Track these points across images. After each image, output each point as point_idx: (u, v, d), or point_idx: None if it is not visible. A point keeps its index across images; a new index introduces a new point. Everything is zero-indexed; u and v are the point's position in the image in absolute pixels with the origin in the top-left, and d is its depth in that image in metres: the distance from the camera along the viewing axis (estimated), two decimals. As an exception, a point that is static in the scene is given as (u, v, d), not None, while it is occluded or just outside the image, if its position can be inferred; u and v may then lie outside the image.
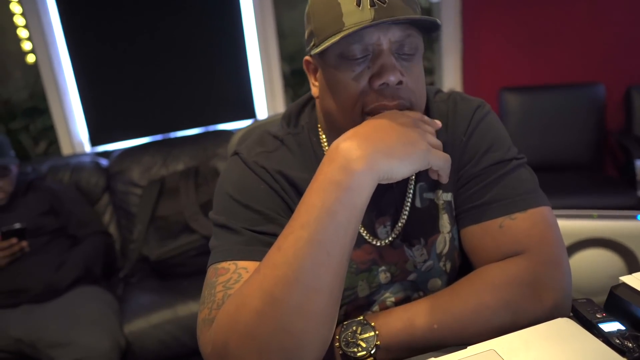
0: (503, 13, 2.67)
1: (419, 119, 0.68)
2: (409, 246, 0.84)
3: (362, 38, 0.66)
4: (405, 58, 0.69)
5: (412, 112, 0.67)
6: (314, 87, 0.79)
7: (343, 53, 0.68)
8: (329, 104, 0.74)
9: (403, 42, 0.68)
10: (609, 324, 0.69)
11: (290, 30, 2.72)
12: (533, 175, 0.80)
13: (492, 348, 0.64)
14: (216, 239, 0.73)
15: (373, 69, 0.68)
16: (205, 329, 0.63)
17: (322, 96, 0.76)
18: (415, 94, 0.71)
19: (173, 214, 1.84)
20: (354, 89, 0.69)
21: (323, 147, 0.82)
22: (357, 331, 0.73)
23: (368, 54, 0.68)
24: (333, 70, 0.70)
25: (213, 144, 2.20)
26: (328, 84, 0.72)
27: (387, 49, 0.67)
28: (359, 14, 0.65)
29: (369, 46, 0.67)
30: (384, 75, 0.66)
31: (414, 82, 0.70)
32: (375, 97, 0.68)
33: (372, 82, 0.68)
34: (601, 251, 2.02)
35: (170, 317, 1.63)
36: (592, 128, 2.66)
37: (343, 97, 0.70)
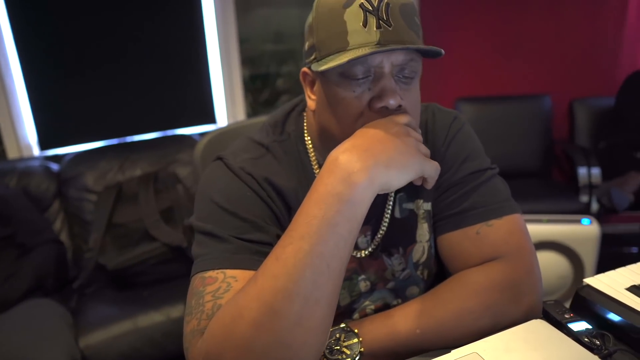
0: (459, 27, 2.78)
1: (408, 123, 0.69)
2: (388, 255, 0.85)
3: (365, 60, 0.66)
4: (405, 81, 0.70)
5: (400, 117, 0.68)
6: (310, 100, 0.78)
7: (345, 72, 0.68)
8: (327, 119, 0.74)
9: (404, 66, 0.69)
10: (577, 323, 0.73)
11: (250, 35, 2.71)
12: (505, 185, 0.84)
13: (474, 351, 0.66)
14: (201, 247, 0.71)
15: (374, 90, 0.68)
16: (194, 340, 0.62)
17: (320, 110, 0.76)
18: (412, 116, 0.72)
19: (132, 221, 1.78)
20: (354, 108, 0.69)
21: (310, 155, 0.82)
22: (340, 338, 0.73)
23: (369, 75, 0.68)
24: (334, 87, 0.70)
25: (173, 149, 2.14)
26: (328, 100, 0.72)
27: (389, 72, 0.68)
28: (364, 34, 0.65)
29: (372, 68, 0.67)
30: (384, 98, 0.67)
31: (412, 105, 0.71)
32: (374, 118, 0.69)
33: (373, 104, 0.68)
34: (550, 253, 2.13)
35: (130, 328, 1.57)
36: (540, 137, 2.80)
37: (343, 115, 0.70)
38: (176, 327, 1.62)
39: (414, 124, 0.71)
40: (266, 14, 2.76)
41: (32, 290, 1.64)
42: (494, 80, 2.89)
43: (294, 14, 2.83)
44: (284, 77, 2.95)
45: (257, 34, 2.76)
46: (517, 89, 2.89)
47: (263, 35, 2.78)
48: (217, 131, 1.23)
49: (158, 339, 1.59)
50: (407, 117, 0.69)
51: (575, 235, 2.10)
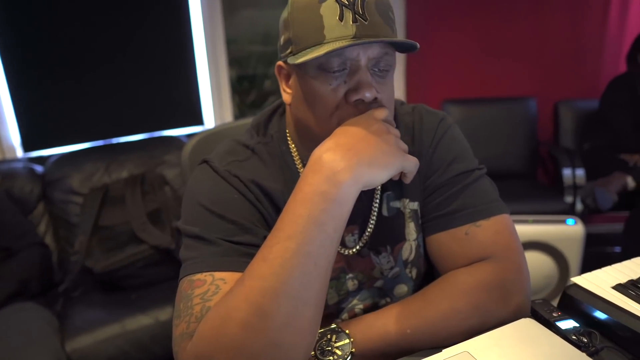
0: (446, 30, 2.80)
1: (385, 118, 0.69)
2: (376, 254, 0.86)
3: (342, 53, 0.67)
4: (380, 75, 0.71)
5: (379, 112, 0.69)
6: (286, 93, 0.78)
7: (321, 65, 0.68)
8: (303, 113, 0.74)
9: (380, 60, 0.69)
10: (564, 321, 0.74)
11: (237, 36, 2.70)
12: (493, 185, 0.85)
13: (465, 350, 0.67)
14: (189, 250, 0.71)
15: (350, 83, 0.69)
16: (184, 344, 0.61)
17: (296, 104, 0.76)
18: (387, 108, 0.73)
19: (119, 224, 1.76)
20: (330, 101, 0.70)
21: (293, 155, 0.82)
22: (331, 339, 0.73)
23: (345, 69, 0.68)
24: (311, 80, 0.70)
25: (159, 150, 2.13)
26: (304, 93, 0.73)
27: (365, 66, 0.68)
28: (340, 28, 0.65)
29: (348, 61, 0.68)
30: (360, 91, 0.68)
31: (387, 98, 0.72)
32: (351, 111, 0.69)
33: (349, 97, 0.69)
34: (536, 254, 2.16)
35: (118, 332, 1.55)
36: (525, 139, 2.84)
37: (320, 107, 0.71)
38: (164, 330, 1.61)
39: (391, 119, 0.71)
40: (252, 15, 2.75)
41: (17, 294, 1.61)
42: (480, 82, 2.92)
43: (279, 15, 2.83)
44: (271, 79, 2.94)
45: (244, 35, 2.75)
46: (503, 91, 2.92)
47: (250, 36, 2.78)
48: (205, 132, 1.23)
49: (146, 342, 1.57)
50: (385, 112, 0.69)
51: (561, 236, 2.13)
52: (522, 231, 2.08)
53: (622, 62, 2.81)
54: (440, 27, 2.78)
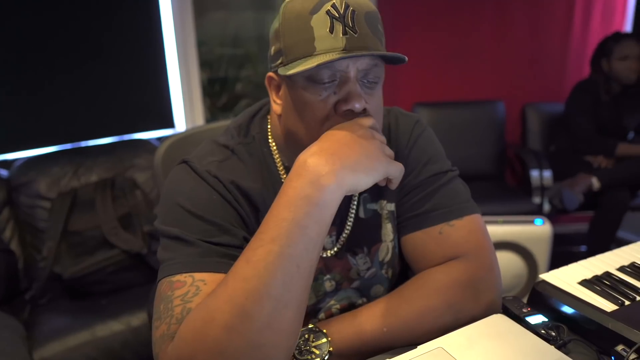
0: (416, 35, 2.84)
1: (372, 126, 0.70)
2: (353, 255, 0.87)
3: (332, 65, 0.68)
4: (369, 86, 0.72)
5: (365, 120, 0.70)
6: (276, 104, 0.78)
7: (312, 76, 0.69)
8: (293, 123, 0.75)
9: (369, 71, 0.70)
10: (534, 317, 0.76)
11: (207, 39, 2.68)
12: (466, 186, 0.88)
13: (440, 346, 0.68)
14: (168, 252, 0.70)
15: (339, 94, 0.70)
16: (164, 346, 0.61)
17: (286, 114, 0.76)
18: (376, 119, 0.74)
19: (89, 229, 1.72)
20: (320, 111, 0.70)
21: (275, 158, 0.82)
22: (309, 339, 0.74)
23: (335, 80, 0.69)
24: (301, 91, 0.71)
25: (130, 154, 2.09)
26: (294, 104, 0.73)
27: (354, 77, 0.69)
28: (331, 40, 0.66)
29: (338, 72, 0.69)
30: (350, 102, 0.69)
31: (375, 109, 0.73)
32: (340, 121, 0.70)
33: (338, 107, 0.70)
34: (506, 253, 2.21)
35: (88, 339, 1.51)
36: (494, 142, 2.90)
37: (310, 118, 0.71)
38: (136, 336, 1.58)
39: (378, 127, 0.72)
40: (222, 18, 2.74)
41: (-19, 303, 1.56)
42: (450, 86, 2.98)
43: (250, 17, 2.82)
44: (243, 82, 2.93)
45: (214, 37, 2.73)
46: (472, 94, 2.98)
47: (220, 39, 2.76)
48: (178, 135, 1.22)
49: (117, 349, 1.54)
50: (371, 120, 0.70)
51: (529, 235, 2.19)
52: (492, 231, 2.12)
53: (585, 67, 2.91)
54: (411, 32, 2.83)
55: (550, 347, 0.68)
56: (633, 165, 2.52)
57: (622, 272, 0.84)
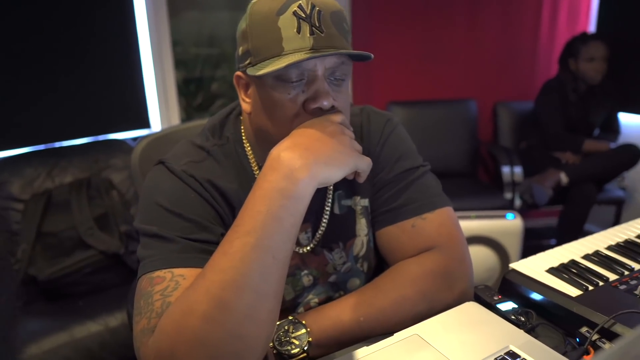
0: (389, 35, 2.88)
1: (341, 122, 0.72)
2: (329, 250, 0.89)
3: (300, 64, 0.69)
4: (336, 83, 0.74)
5: (335, 116, 0.72)
6: (245, 103, 0.80)
7: (280, 76, 0.70)
8: (263, 121, 0.76)
9: (336, 69, 0.72)
10: (504, 303, 0.80)
11: (182, 39, 2.67)
12: (437, 180, 0.91)
13: (415, 333, 0.71)
14: (147, 249, 0.71)
15: (308, 93, 0.72)
16: (145, 339, 0.61)
17: (256, 113, 0.78)
18: (344, 114, 0.76)
19: (64, 230, 1.69)
20: (289, 110, 0.72)
21: (249, 158, 0.84)
22: (289, 330, 0.76)
23: (303, 79, 0.71)
24: (270, 90, 0.72)
25: (105, 154, 2.06)
26: (263, 103, 0.74)
27: (322, 75, 0.71)
28: (298, 40, 0.68)
29: (305, 71, 0.70)
30: (318, 100, 0.71)
31: (343, 105, 0.75)
32: (309, 119, 0.72)
33: (307, 105, 0.72)
34: (479, 247, 2.27)
35: (66, 340, 1.49)
36: (466, 139, 2.97)
37: (279, 116, 0.73)
38: (114, 336, 1.57)
39: (347, 122, 0.74)
40: (197, 18, 2.73)
41: (-47, 307, 1.53)
42: (423, 85, 3.03)
43: (225, 17, 2.82)
44: (219, 81, 2.93)
45: (189, 37, 2.72)
46: (445, 93, 3.04)
47: (195, 39, 2.75)
48: (155, 135, 1.22)
49: (95, 350, 1.53)
50: (341, 116, 0.73)
51: (501, 229, 2.25)
52: (465, 226, 2.17)
53: (553, 66, 3.00)
54: (384, 32, 2.87)
55: (519, 331, 0.72)
56: (599, 160, 2.61)
57: (586, 260, 0.88)
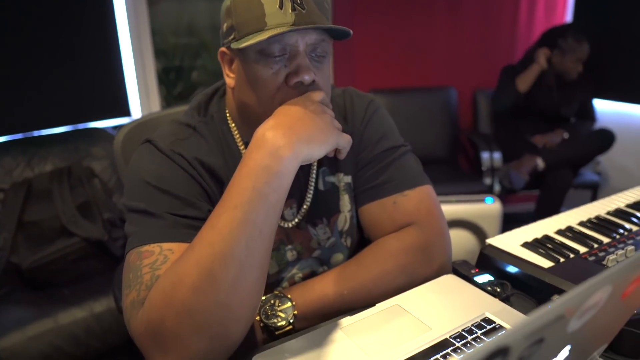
0: (371, 24, 2.91)
1: (322, 100, 0.74)
2: (313, 226, 0.91)
3: (282, 39, 0.71)
4: (317, 60, 0.76)
5: (316, 94, 0.74)
6: (229, 78, 0.82)
7: (263, 50, 0.72)
8: (246, 96, 0.78)
9: (317, 46, 0.74)
10: (481, 276, 0.84)
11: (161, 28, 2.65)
12: (417, 160, 0.94)
13: (396, 303, 0.74)
14: (135, 225, 0.72)
15: (290, 67, 0.73)
16: (135, 312, 0.63)
17: (239, 87, 0.79)
18: (325, 92, 0.78)
19: (46, 218, 1.68)
20: (272, 84, 0.74)
21: (234, 134, 0.85)
22: (275, 304, 0.78)
23: (285, 54, 0.73)
24: (253, 65, 0.74)
25: (85, 142, 2.05)
26: (247, 77, 0.76)
27: (303, 51, 0.73)
28: (281, 16, 0.69)
29: (287, 46, 0.72)
30: (300, 74, 0.73)
31: (323, 82, 0.77)
32: (291, 93, 0.74)
33: (289, 80, 0.74)
34: (459, 231, 2.32)
35: (51, 327, 1.49)
36: (446, 126, 3.01)
37: (262, 91, 0.75)
38: (100, 322, 1.57)
39: (327, 100, 0.77)
40: (175, 8, 2.71)
41: None
42: (404, 73, 3.06)
43: (204, 7, 2.81)
44: (199, 70, 2.92)
45: (168, 27, 2.71)
46: (425, 81, 3.08)
47: (173, 28, 2.74)
48: (135, 122, 1.22)
49: (81, 336, 1.53)
50: (321, 94, 0.75)
51: (481, 213, 2.30)
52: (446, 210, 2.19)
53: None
54: (366, 21, 2.89)
55: (495, 300, 0.75)
56: (575, 146, 2.68)
57: (559, 235, 0.92)
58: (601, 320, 0.43)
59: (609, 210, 1.02)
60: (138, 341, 0.63)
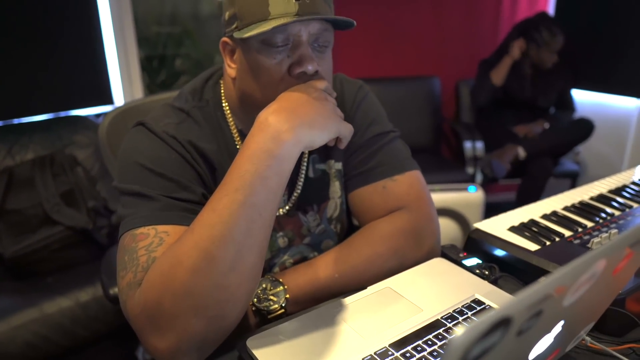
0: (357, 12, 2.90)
1: (325, 89, 0.74)
2: (304, 213, 0.92)
3: (285, 29, 0.71)
4: (319, 50, 0.76)
5: (319, 82, 0.74)
6: (230, 68, 0.81)
7: (266, 40, 0.72)
8: (249, 86, 0.77)
9: (319, 36, 0.74)
10: (469, 259, 0.86)
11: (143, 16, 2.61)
12: (406, 146, 0.95)
13: (388, 286, 0.76)
14: (128, 207, 0.72)
15: (293, 57, 0.73)
16: (131, 292, 0.63)
17: (242, 78, 0.79)
18: (327, 80, 0.78)
19: (29, 207, 1.65)
20: (275, 74, 0.74)
21: (228, 121, 0.85)
22: (267, 288, 0.79)
23: (288, 44, 0.73)
24: (256, 54, 0.73)
25: (68, 130, 2.01)
26: (250, 68, 0.76)
27: (306, 41, 0.73)
28: (284, 5, 0.69)
29: (291, 36, 0.72)
30: (303, 64, 0.73)
31: (326, 71, 0.78)
32: (294, 83, 0.74)
33: (292, 70, 0.73)
34: (442, 219, 2.35)
35: (36, 316, 1.47)
36: (430, 116, 3.04)
37: (265, 80, 0.75)
38: (86, 311, 1.56)
39: (330, 89, 0.77)
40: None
41: None
42: (388, 63, 3.07)
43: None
44: (183, 58, 2.88)
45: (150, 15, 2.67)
46: (408, 71, 3.09)
47: (156, 16, 2.70)
48: (121, 108, 1.21)
49: (67, 325, 1.51)
50: (324, 83, 0.75)
51: (463, 201, 2.33)
52: (430, 199, 2.25)
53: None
54: (349, 10, 2.88)
55: (484, 282, 0.77)
56: (555, 136, 2.73)
57: (545, 219, 0.94)
58: (593, 296, 0.44)
59: (592, 196, 1.05)
60: (134, 322, 0.62)
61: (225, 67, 0.83)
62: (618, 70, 2.88)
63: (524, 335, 0.36)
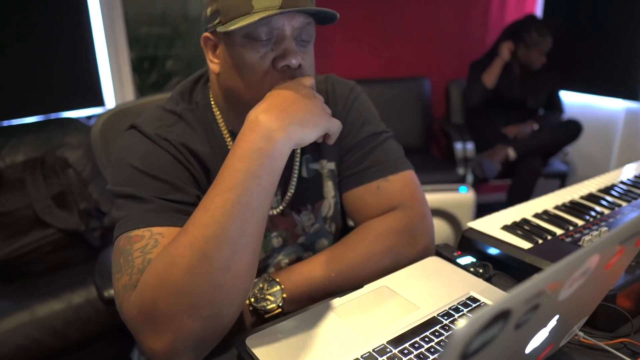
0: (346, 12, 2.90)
1: (312, 86, 0.75)
2: (297, 213, 0.92)
3: (269, 22, 0.71)
4: (303, 44, 0.77)
5: (306, 79, 0.75)
6: (213, 63, 0.81)
7: (250, 34, 0.72)
8: (232, 81, 0.78)
9: (302, 30, 0.75)
10: (464, 258, 0.87)
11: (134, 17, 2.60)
12: (399, 146, 0.96)
13: (384, 284, 0.76)
14: (122, 210, 0.72)
15: (277, 51, 0.74)
16: (127, 295, 0.63)
17: (225, 73, 0.79)
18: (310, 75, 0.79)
19: (19, 209, 1.64)
20: (259, 68, 0.74)
21: (219, 122, 0.85)
22: (263, 288, 0.79)
23: (272, 37, 0.73)
24: (239, 48, 0.74)
25: (58, 132, 2.00)
26: (234, 62, 0.76)
27: (290, 35, 0.74)
28: None
29: (274, 30, 0.73)
30: (287, 57, 0.73)
31: (309, 66, 0.78)
32: (278, 76, 0.74)
33: (276, 63, 0.74)
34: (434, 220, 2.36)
35: (27, 319, 1.46)
36: (420, 116, 3.05)
37: (249, 75, 0.75)
38: (78, 313, 1.55)
39: (314, 85, 0.78)
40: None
41: None
42: (379, 64, 3.09)
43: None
44: (174, 59, 2.88)
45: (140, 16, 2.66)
46: (399, 71, 3.11)
47: (146, 17, 2.70)
48: (114, 110, 1.21)
49: (59, 327, 1.50)
50: (311, 79, 0.76)
51: (455, 202, 2.35)
52: (421, 200, 2.26)
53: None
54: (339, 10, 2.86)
55: (479, 280, 0.78)
56: (544, 136, 2.76)
57: (536, 218, 0.96)
58: (586, 291, 0.45)
59: (582, 195, 1.07)
60: (130, 324, 0.63)
61: (207, 63, 0.83)
62: (605, 72, 2.92)
63: (521, 328, 0.37)
